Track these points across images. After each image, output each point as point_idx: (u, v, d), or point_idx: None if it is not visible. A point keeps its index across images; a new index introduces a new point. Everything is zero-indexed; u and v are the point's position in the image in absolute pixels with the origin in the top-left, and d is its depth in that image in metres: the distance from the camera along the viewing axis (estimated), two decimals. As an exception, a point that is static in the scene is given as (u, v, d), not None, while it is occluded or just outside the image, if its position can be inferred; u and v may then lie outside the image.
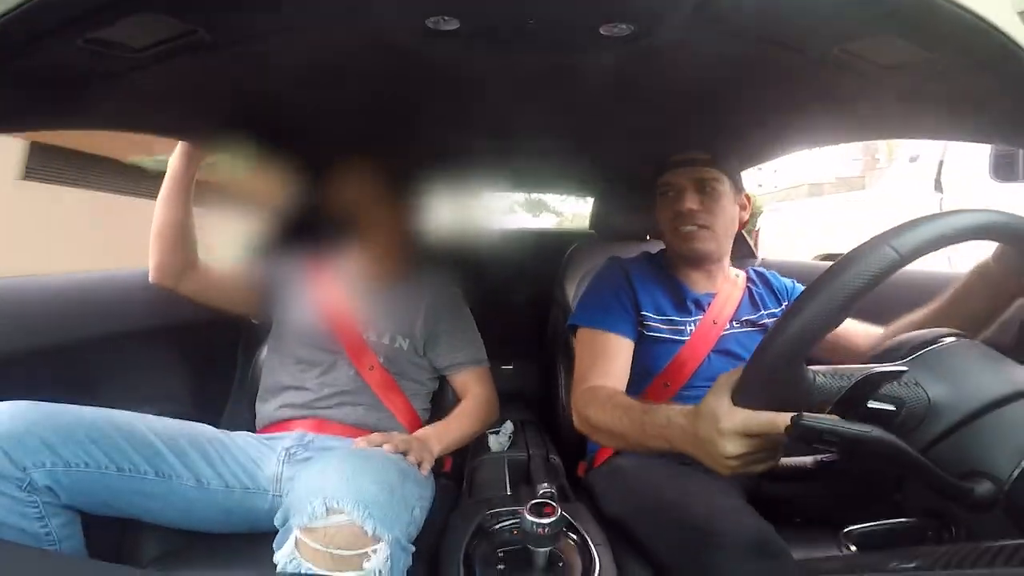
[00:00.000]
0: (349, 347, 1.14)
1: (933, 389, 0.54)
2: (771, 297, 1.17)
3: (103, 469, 0.79)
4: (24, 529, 0.73)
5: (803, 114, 1.05)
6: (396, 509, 0.71)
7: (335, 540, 0.64)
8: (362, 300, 1.19)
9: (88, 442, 0.78)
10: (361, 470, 0.71)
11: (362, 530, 0.65)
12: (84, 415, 0.81)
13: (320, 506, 0.65)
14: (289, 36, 0.76)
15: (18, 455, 0.72)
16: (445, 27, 0.72)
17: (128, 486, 0.81)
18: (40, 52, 0.61)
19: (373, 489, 0.69)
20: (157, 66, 0.74)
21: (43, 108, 0.79)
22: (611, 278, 1.14)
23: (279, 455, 0.99)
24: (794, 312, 0.53)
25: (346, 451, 0.79)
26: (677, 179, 1.10)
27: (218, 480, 0.90)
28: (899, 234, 0.52)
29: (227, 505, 0.90)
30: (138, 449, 0.83)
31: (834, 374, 0.54)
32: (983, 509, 0.47)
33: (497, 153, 1.51)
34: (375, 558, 0.65)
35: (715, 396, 0.62)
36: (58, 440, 0.76)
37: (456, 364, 1.23)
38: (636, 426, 0.77)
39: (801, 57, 0.77)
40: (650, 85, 0.97)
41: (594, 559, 0.78)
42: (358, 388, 1.12)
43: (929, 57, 0.66)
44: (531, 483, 1.12)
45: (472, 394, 1.22)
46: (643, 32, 0.73)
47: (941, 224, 0.52)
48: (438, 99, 1.06)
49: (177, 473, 0.86)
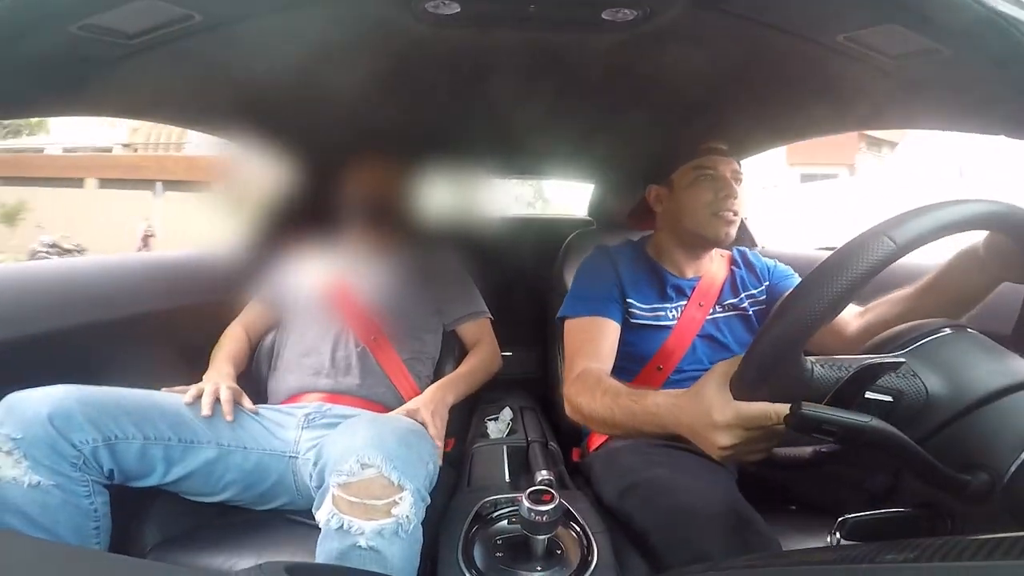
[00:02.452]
0: (352, 320, 1.22)
1: (931, 380, 0.54)
2: (752, 278, 1.19)
3: (131, 439, 0.84)
4: (78, 506, 0.78)
5: (807, 103, 1.04)
6: (414, 462, 0.79)
7: (368, 491, 0.73)
8: (363, 274, 1.25)
9: (121, 414, 0.84)
10: (384, 430, 0.80)
11: (389, 480, 0.74)
12: (116, 393, 0.87)
13: (355, 463, 0.74)
14: (287, 20, 0.75)
15: (69, 433, 0.78)
16: (446, 11, 0.71)
17: (153, 452, 0.86)
18: (36, 39, 0.60)
19: (395, 444, 0.78)
20: (153, 52, 0.73)
21: (39, 95, 0.78)
22: (598, 267, 1.16)
23: (299, 420, 1.05)
24: (791, 303, 0.52)
25: (370, 417, 0.91)
26: (719, 166, 1.09)
27: (237, 442, 0.96)
28: (897, 224, 0.51)
29: (244, 466, 0.95)
30: (165, 417, 0.89)
31: (832, 365, 0.54)
32: (980, 501, 0.48)
33: (497, 139, 1.50)
34: (402, 504, 0.73)
35: (710, 385, 0.62)
36: (97, 416, 0.81)
37: (461, 316, 1.34)
38: (626, 413, 0.78)
39: (806, 45, 0.76)
40: (652, 72, 0.96)
41: (592, 546, 0.78)
42: (365, 361, 1.18)
43: (936, 48, 0.65)
44: (530, 470, 1.12)
45: (478, 344, 1.34)
46: (646, 17, 0.72)
47: (939, 214, 0.52)
48: (438, 84, 1.05)
49: (199, 439, 0.92)
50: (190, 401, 0.95)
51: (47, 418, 0.76)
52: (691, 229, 1.12)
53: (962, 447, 0.50)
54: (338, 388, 1.14)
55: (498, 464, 1.16)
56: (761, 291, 1.17)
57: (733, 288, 1.16)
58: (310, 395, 1.14)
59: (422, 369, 1.25)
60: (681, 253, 1.16)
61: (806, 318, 0.51)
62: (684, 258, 1.16)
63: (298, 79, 1.00)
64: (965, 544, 0.34)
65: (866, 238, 0.51)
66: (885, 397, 0.53)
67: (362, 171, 1.22)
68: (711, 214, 1.08)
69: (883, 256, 0.50)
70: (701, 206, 1.09)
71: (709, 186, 1.09)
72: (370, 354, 1.19)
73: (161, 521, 0.91)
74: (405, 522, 0.73)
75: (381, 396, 1.16)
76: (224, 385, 1.00)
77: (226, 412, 0.96)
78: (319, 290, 1.24)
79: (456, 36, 0.80)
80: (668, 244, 1.18)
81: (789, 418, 0.51)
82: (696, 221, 1.10)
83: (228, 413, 0.96)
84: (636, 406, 0.76)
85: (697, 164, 1.10)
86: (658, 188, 1.19)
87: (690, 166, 1.11)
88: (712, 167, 1.09)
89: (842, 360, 0.54)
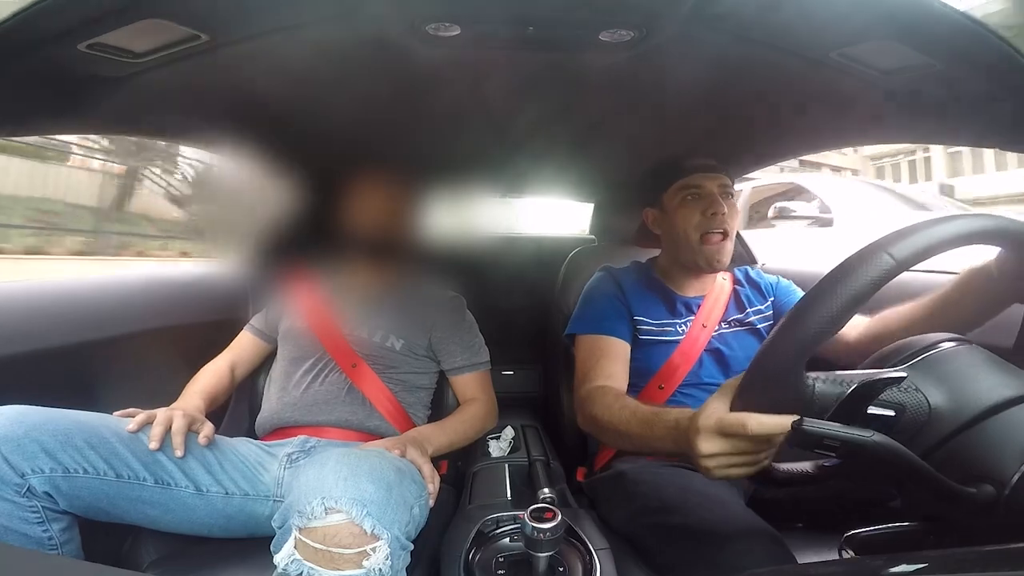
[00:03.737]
0: (330, 347, 1.16)
1: (933, 394, 0.54)
2: (757, 295, 1.19)
3: (102, 475, 0.78)
4: (27, 534, 0.73)
5: (801, 119, 1.05)
6: (394, 507, 0.70)
7: (334, 539, 0.65)
8: (349, 301, 1.21)
9: (87, 448, 0.78)
10: (358, 469, 0.71)
11: (360, 529, 0.65)
12: (82, 420, 0.81)
13: (318, 506, 0.66)
14: (290, 41, 0.77)
15: (17, 460, 0.72)
16: (445, 33, 0.73)
17: (127, 493, 0.81)
18: (41, 58, 0.61)
19: (370, 488, 0.69)
20: (159, 71, 0.74)
21: (44, 112, 0.79)
22: (604, 287, 1.17)
23: (281, 461, 0.99)
24: (792, 320, 0.53)
25: (343, 451, 0.77)
26: (707, 182, 1.09)
27: (217, 487, 0.89)
28: (896, 240, 0.52)
29: (227, 511, 0.90)
30: (137, 455, 0.83)
31: (833, 380, 0.54)
32: (985, 513, 0.47)
33: (497, 158, 1.51)
34: (375, 556, 0.65)
35: (712, 396, 0.62)
36: (57, 445, 0.75)
37: (456, 368, 1.24)
38: (645, 426, 0.77)
39: (799, 61, 0.78)
40: (650, 90, 0.98)
41: (595, 565, 0.77)
42: (350, 391, 1.13)
43: (928, 62, 0.67)
44: (532, 488, 1.11)
45: (471, 399, 1.23)
46: (643, 37, 0.73)
47: (939, 230, 0.52)
48: (438, 104, 1.06)
49: (176, 481, 0.85)
50: (134, 428, 0.84)
51: None
52: (684, 255, 1.13)
53: (966, 460, 0.50)
54: (323, 421, 1.09)
55: (500, 482, 1.15)
56: (767, 306, 1.17)
57: (739, 305, 1.17)
58: (293, 430, 1.08)
59: (416, 401, 1.20)
60: (683, 274, 1.17)
61: (807, 334, 0.51)
62: (687, 279, 1.17)
63: (301, 100, 1.02)
64: (971, 556, 0.34)
65: (865, 254, 0.52)
66: (888, 411, 0.53)
67: (363, 192, 1.19)
68: (699, 236, 1.08)
69: (882, 272, 0.50)
70: (691, 228, 1.09)
71: (696, 206, 1.09)
72: (356, 388, 1.13)
73: (158, 538, 0.89)
74: (377, 575, 0.65)
75: (374, 429, 1.10)
76: (179, 413, 0.89)
77: (175, 445, 0.85)
78: (306, 321, 1.20)
79: (456, 57, 0.82)
80: (670, 266, 1.19)
81: (791, 434, 0.51)
82: (689, 247, 1.11)
83: (178, 446, 0.85)
84: (656, 419, 0.75)
85: (683, 184, 1.11)
86: (653, 211, 1.19)
87: (677, 186, 1.12)
88: (698, 185, 1.09)
89: (844, 375, 0.54)
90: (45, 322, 1.02)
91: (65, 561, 0.68)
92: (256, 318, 1.29)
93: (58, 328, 1.03)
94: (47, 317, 1.04)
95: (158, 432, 0.85)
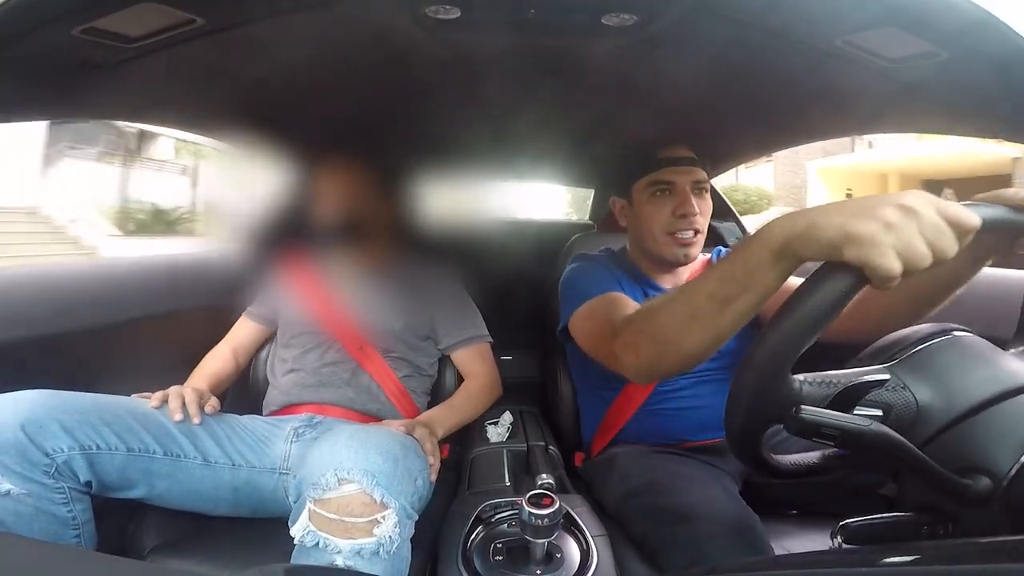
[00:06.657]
0: (337, 329, 1.18)
1: (921, 391, 0.54)
2: None
3: (113, 449, 0.81)
4: (54, 514, 0.76)
5: (805, 106, 1.04)
6: (401, 478, 0.74)
7: (347, 508, 0.68)
8: (351, 283, 1.22)
9: (101, 424, 0.81)
10: (367, 443, 0.74)
11: (371, 498, 0.69)
12: (98, 400, 0.84)
13: (332, 477, 0.69)
14: (288, 24, 0.75)
15: (41, 441, 0.75)
16: (446, 16, 0.71)
17: (137, 465, 0.84)
18: (36, 42, 0.60)
19: (379, 459, 0.72)
20: (154, 55, 0.73)
21: (39, 98, 0.78)
22: (585, 266, 1.11)
23: (287, 434, 1.02)
24: (776, 323, 0.50)
25: (352, 427, 0.81)
26: (678, 178, 1.02)
27: (225, 458, 0.93)
28: None
29: (234, 483, 0.93)
30: (149, 429, 0.86)
31: (820, 382, 0.54)
32: (980, 505, 0.48)
33: (497, 143, 1.50)
34: (384, 524, 0.69)
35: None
36: (74, 424, 0.78)
37: (456, 342, 1.26)
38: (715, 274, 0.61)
39: (804, 49, 0.76)
40: (652, 76, 0.97)
41: (592, 551, 0.78)
42: (355, 371, 1.15)
43: (933, 51, 0.66)
44: (530, 474, 1.12)
45: (474, 374, 1.26)
46: (645, 21, 0.72)
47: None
48: (438, 88, 1.05)
49: (185, 452, 0.89)
50: (156, 405, 0.90)
51: (18, 424, 0.73)
52: (650, 249, 1.07)
53: (960, 452, 0.51)
54: (328, 400, 1.11)
55: (498, 468, 1.15)
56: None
57: None
58: (300, 407, 1.11)
59: (418, 386, 1.22)
60: (652, 267, 1.11)
61: (791, 337, 0.49)
62: (656, 271, 1.11)
63: (299, 83, 1.01)
64: (965, 547, 0.34)
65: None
66: (874, 411, 0.54)
67: (362, 175, 1.19)
68: (667, 233, 1.02)
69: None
70: (657, 227, 1.03)
71: (666, 202, 1.02)
72: (362, 369, 1.15)
73: (160, 524, 0.90)
74: (387, 542, 0.69)
75: (376, 412, 1.12)
76: (189, 388, 0.95)
77: (192, 414, 0.91)
78: (309, 303, 1.21)
79: (456, 40, 0.80)
80: (639, 258, 1.14)
81: (789, 422, 0.51)
82: (654, 241, 1.05)
83: (194, 415, 0.91)
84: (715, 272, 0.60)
85: (653, 179, 1.03)
86: (621, 201, 1.12)
87: (646, 180, 1.04)
88: (669, 181, 1.02)
89: (829, 376, 0.54)
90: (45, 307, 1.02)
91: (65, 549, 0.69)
92: (254, 303, 1.29)
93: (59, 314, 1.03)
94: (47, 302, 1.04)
95: (176, 404, 0.91)
